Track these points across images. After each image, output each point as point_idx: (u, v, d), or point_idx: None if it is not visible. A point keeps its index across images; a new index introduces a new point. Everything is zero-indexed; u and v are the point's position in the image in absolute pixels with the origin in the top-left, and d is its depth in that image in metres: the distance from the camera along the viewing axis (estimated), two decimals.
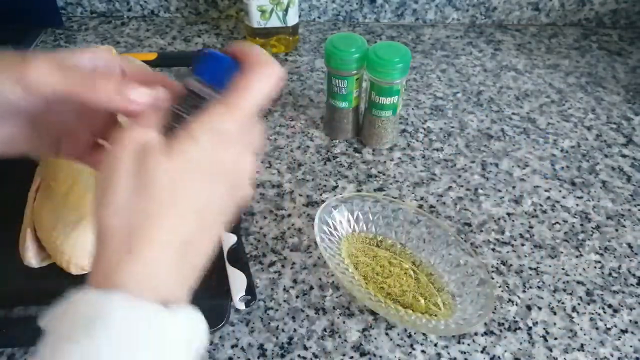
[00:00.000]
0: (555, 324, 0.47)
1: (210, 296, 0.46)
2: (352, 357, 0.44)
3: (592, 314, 0.48)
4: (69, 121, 0.34)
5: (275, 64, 0.31)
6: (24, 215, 0.49)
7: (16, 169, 0.54)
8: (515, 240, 0.54)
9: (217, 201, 0.30)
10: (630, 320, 0.47)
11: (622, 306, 0.48)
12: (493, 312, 0.47)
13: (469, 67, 0.79)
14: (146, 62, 0.60)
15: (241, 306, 0.45)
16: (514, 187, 0.60)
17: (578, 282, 0.50)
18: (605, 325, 0.47)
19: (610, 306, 0.48)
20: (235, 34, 0.84)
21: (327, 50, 0.57)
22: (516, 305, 0.48)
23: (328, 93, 0.61)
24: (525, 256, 0.52)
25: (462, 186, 0.60)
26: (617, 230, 0.55)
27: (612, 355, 0.45)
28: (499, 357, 0.44)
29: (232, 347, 0.44)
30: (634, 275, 0.51)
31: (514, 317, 0.47)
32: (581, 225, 0.56)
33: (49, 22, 0.84)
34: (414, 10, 0.86)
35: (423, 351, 0.45)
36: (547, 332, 0.46)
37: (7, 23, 0.81)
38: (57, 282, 0.46)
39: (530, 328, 0.46)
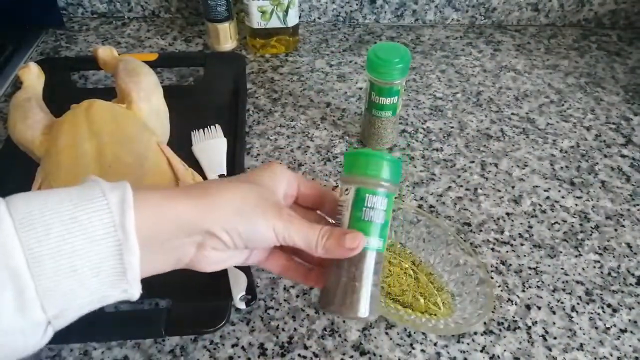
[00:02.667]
0: (554, 323, 0.47)
1: (210, 296, 0.46)
2: (352, 357, 0.44)
3: (592, 313, 0.48)
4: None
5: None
6: None
7: (17, 169, 0.55)
8: (514, 240, 0.54)
9: None
10: (630, 320, 0.47)
11: (621, 306, 0.49)
12: (492, 312, 0.48)
13: (469, 68, 0.79)
14: (147, 62, 0.60)
15: (241, 305, 0.46)
16: (513, 187, 0.60)
17: (577, 282, 0.50)
18: (605, 324, 0.47)
19: (609, 306, 0.49)
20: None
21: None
22: (515, 304, 0.48)
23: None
24: (525, 256, 0.53)
25: (461, 186, 0.60)
26: (616, 230, 0.56)
27: (611, 355, 0.45)
28: (498, 356, 0.45)
29: (233, 346, 0.45)
30: (633, 275, 0.51)
31: (514, 317, 0.47)
32: (580, 225, 0.56)
33: (50, 22, 0.84)
34: (414, 11, 0.86)
35: (423, 350, 0.45)
36: (547, 332, 0.46)
37: (7, 23, 0.81)
38: None
39: (529, 327, 0.47)
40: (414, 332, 0.46)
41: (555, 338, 0.46)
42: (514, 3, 0.86)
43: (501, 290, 0.50)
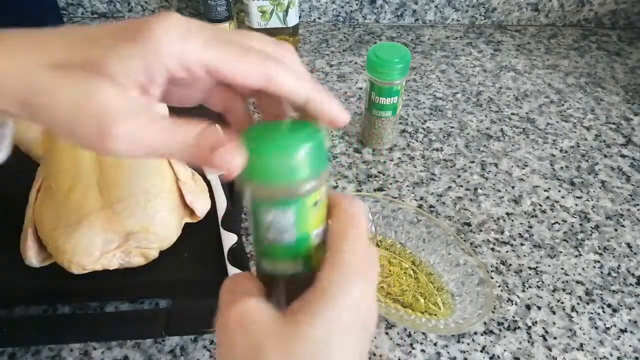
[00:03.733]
0: (554, 323, 0.47)
1: (210, 296, 0.46)
2: None
3: (592, 313, 0.48)
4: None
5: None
6: (25, 215, 0.49)
7: (17, 169, 0.55)
8: (514, 240, 0.54)
9: None
10: (630, 320, 0.47)
11: (621, 306, 0.49)
12: (492, 312, 0.48)
13: (469, 68, 0.79)
14: None
15: None
16: (513, 187, 0.60)
17: (577, 282, 0.50)
18: (605, 324, 0.47)
19: (609, 306, 0.49)
20: None
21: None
22: (515, 304, 0.48)
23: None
24: (525, 256, 0.53)
25: (461, 186, 0.60)
26: (616, 230, 0.56)
27: (611, 355, 0.45)
28: (498, 356, 0.45)
29: None
30: (633, 274, 0.51)
31: (514, 317, 0.47)
32: (580, 225, 0.56)
33: (50, 22, 0.84)
34: (414, 11, 0.86)
35: (423, 350, 0.45)
36: (547, 332, 0.46)
37: (7, 23, 0.81)
38: (58, 281, 0.46)
39: (529, 327, 0.47)
40: (414, 332, 0.46)
41: (555, 338, 0.46)
42: (514, 3, 0.86)
43: (501, 290, 0.50)
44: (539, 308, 0.48)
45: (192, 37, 0.23)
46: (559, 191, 0.60)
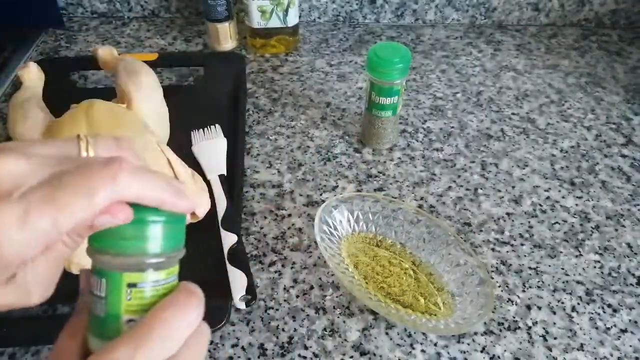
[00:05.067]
0: (554, 323, 0.47)
1: (210, 296, 0.46)
2: (352, 357, 0.44)
3: (592, 313, 0.48)
4: None
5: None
6: None
7: None
8: (514, 240, 0.54)
9: None
10: (630, 320, 0.47)
11: (621, 306, 0.49)
12: (493, 312, 0.48)
13: (469, 68, 0.79)
14: (147, 62, 0.60)
15: (241, 306, 0.46)
16: (513, 187, 0.60)
17: (577, 282, 0.50)
18: (605, 325, 0.47)
19: (609, 306, 0.49)
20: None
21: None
22: (516, 305, 0.48)
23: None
24: (525, 256, 0.53)
25: (461, 186, 0.60)
26: (616, 230, 0.56)
27: (611, 355, 0.45)
28: (498, 356, 0.44)
29: (233, 346, 0.44)
30: (633, 275, 0.51)
31: (514, 317, 0.47)
32: (581, 225, 0.56)
33: (50, 22, 0.84)
34: (414, 10, 0.86)
35: (423, 351, 0.45)
36: (547, 332, 0.46)
37: (7, 23, 0.81)
38: (58, 281, 0.46)
39: (529, 328, 0.47)
40: (414, 332, 0.46)
41: (555, 338, 0.46)
42: (514, 3, 0.86)
43: (501, 291, 0.49)
44: (539, 308, 0.48)
45: (32, 211, 0.20)
46: (559, 191, 0.60)
